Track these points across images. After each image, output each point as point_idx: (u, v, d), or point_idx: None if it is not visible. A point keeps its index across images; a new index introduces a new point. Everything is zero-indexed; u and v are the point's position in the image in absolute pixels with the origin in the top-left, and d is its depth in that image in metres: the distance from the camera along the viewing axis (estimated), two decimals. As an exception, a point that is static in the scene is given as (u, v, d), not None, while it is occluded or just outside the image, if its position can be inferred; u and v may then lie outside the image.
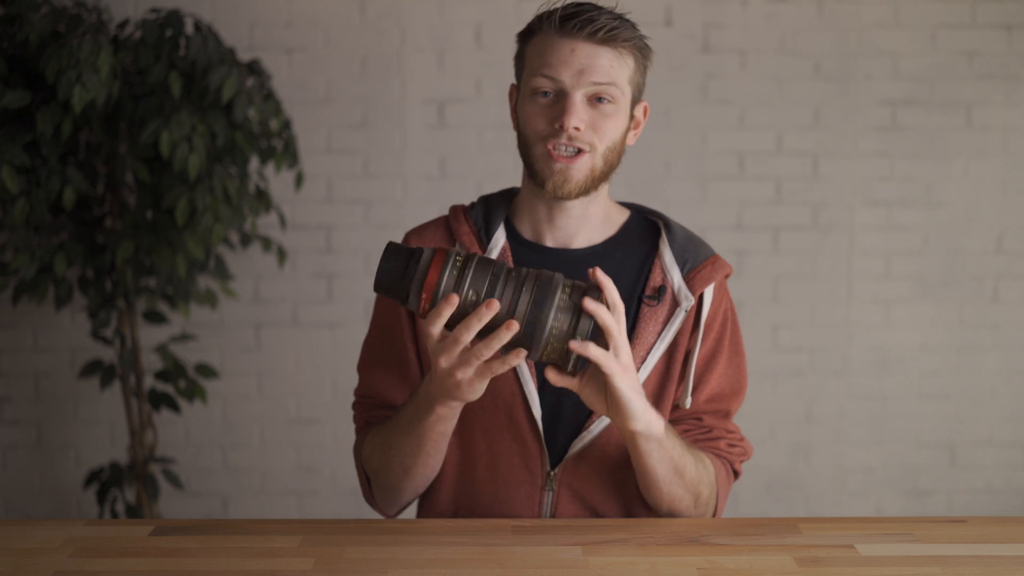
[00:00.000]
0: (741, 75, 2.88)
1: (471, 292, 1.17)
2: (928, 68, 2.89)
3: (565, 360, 1.18)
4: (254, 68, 2.49)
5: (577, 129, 1.34)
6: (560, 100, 1.35)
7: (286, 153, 2.53)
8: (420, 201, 2.88)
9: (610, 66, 1.35)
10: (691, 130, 2.90)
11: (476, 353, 1.18)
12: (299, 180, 2.64)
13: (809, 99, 2.90)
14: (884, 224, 2.95)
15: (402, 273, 1.19)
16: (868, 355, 2.99)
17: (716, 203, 2.92)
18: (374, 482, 1.45)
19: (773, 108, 2.90)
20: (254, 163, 2.74)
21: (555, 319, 1.16)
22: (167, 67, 2.32)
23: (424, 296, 1.17)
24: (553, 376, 1.23)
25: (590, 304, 1.18)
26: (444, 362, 1.19)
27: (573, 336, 1.17)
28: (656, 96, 2.86)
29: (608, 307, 1.20)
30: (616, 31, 1.34)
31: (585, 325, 1.16)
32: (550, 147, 1.36)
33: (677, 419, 1.47)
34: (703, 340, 1.45)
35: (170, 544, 1.27)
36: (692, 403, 1.46)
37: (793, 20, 2.87)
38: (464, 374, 1.20)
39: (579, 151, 1.36)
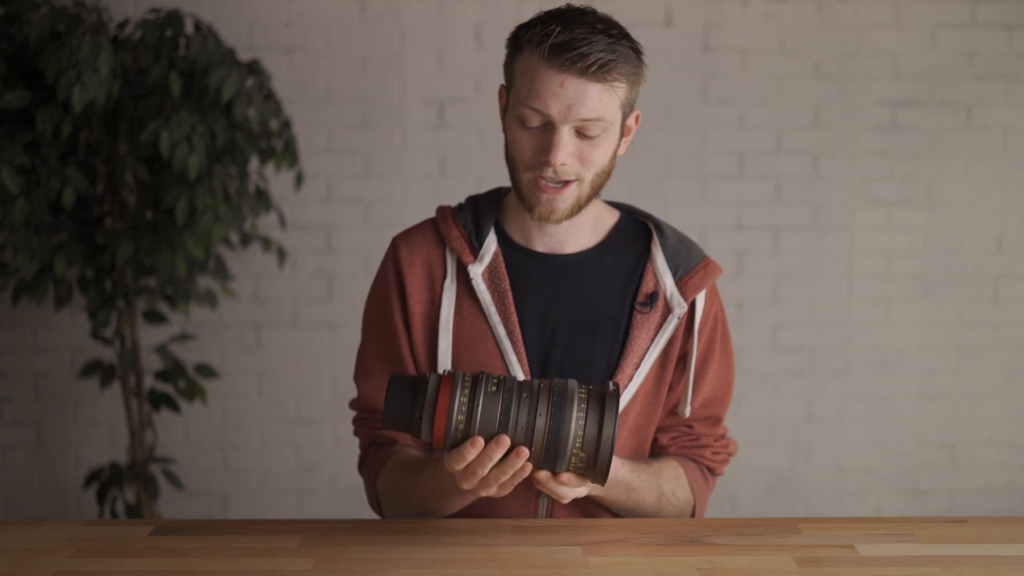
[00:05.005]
0: (741, 75, 2.88)
1: (483, 422, 1.14)
2: (928, 68, 2.89)
3: (590, 471, 1.17)
4: (254, 68, 2.49)
5: (564, 164, 1.32)
6: (547, 132, 1.32)
7: (286, 153, 2.53)
8: (420, 201, 2.88)
9: (599, 100, 1.30)
10: (691, 130, 2.90)
11: (494, 478, 1.18)
12: (299, 180, 2.64)
13: (809, 99, 2.90)
14: (884, 224, 2.95)
15: (410, 406, 1.17)
16: (868, 355, 2.99)
17: (716, 203, 2.92)
18: (386, 509, 1.47)
19: (773, 108, 2.90)
20: (254, 163, 2.74)
21: (575, 434, 1.14)
22: (167, 67, 2.32)
23: (436, 427, 1.15)
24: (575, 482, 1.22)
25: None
26: (466, 486, 1.19)
27: (598, 443, 1.14)
28: (656, 96, 2.86)
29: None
30: (609, 66, 1.29)
31: (609, 431, 1.14)
32: (537, 176, 1.35)
33: (669, 426, 1.48)
34: (705, 347, 1.45)
35: (170, 544, 1.27)
36: (707, 420, 1.48)
37: (793, 20, 2.87)
38: (488, 492, 1.20)
39: (566, 182, 1.35)
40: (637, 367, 1.41)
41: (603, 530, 1.32)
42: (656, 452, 1.49)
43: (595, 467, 1.15)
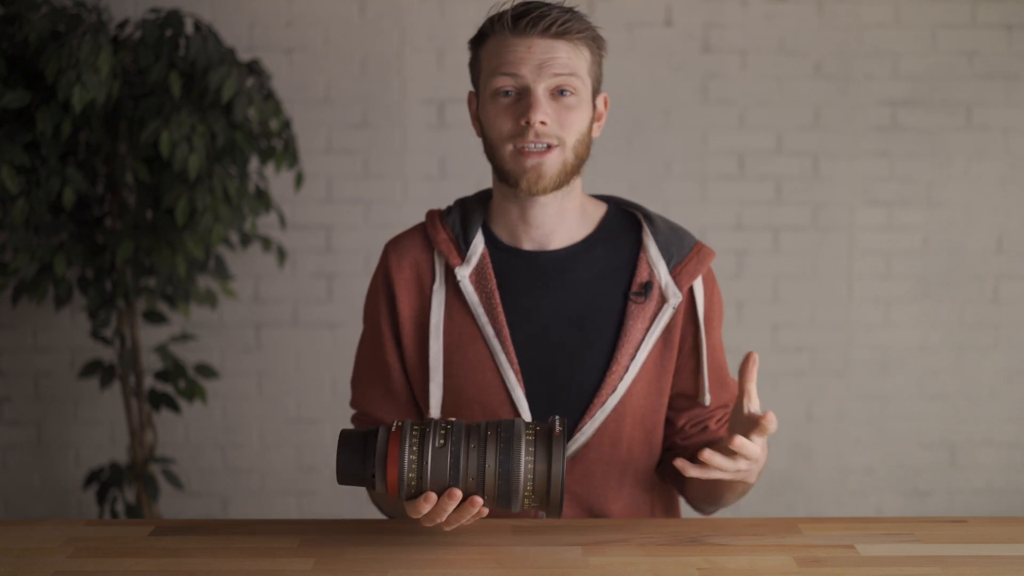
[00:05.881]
0: (741, 75, 2.88)
1: (434, 476, 1.17)
2: (928, 68, 2.89)
3: (544, 506, 1.18)
4: (254, 68, 2.49)
5: (543, 124, 1.34)
6: (523, 97, 1.35)
7: (286, 153, 2.53)
8: (420, 201, 2.88)
9: (568, 58, 1.35)
10: (691, 130, 2.90)
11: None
12: (299, 180, 2.64)
13: (809, 99, 2.90)
14: (884, 224, 2.95)
15: (362, 461, 1.19)
16: (868, 355, 2.99)
17: (716, 203, 2.92)
18: (384, 510, 1.50)
19: (773, 108, 2.90)
20: (254, 163, 2.74)
21: (525, 477, 1.17)
22: (167, 67, 2.32)
23: (390, 483, 1.17)
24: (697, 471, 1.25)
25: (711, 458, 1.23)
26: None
27: (548, 480, 1.17)
28: (656, 96, 2.86)
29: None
30: (569, 24, 1.35)
31: (558, 467, 1.16)
32: (519, 146, 1.36)
33: (711, 414, 1.48)
34: (708, 334, 1.45)
35: (170, 544, 1.27)
36: (726, 394, 1.48)
37: (793, 20, 2.87)
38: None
39: (548, 147, 1.36)
40: (632, 357, 1.41)
41: (603, 530, 1.32)
42: (674, 432, 1.49)
43: (548, 502, 1.18)
